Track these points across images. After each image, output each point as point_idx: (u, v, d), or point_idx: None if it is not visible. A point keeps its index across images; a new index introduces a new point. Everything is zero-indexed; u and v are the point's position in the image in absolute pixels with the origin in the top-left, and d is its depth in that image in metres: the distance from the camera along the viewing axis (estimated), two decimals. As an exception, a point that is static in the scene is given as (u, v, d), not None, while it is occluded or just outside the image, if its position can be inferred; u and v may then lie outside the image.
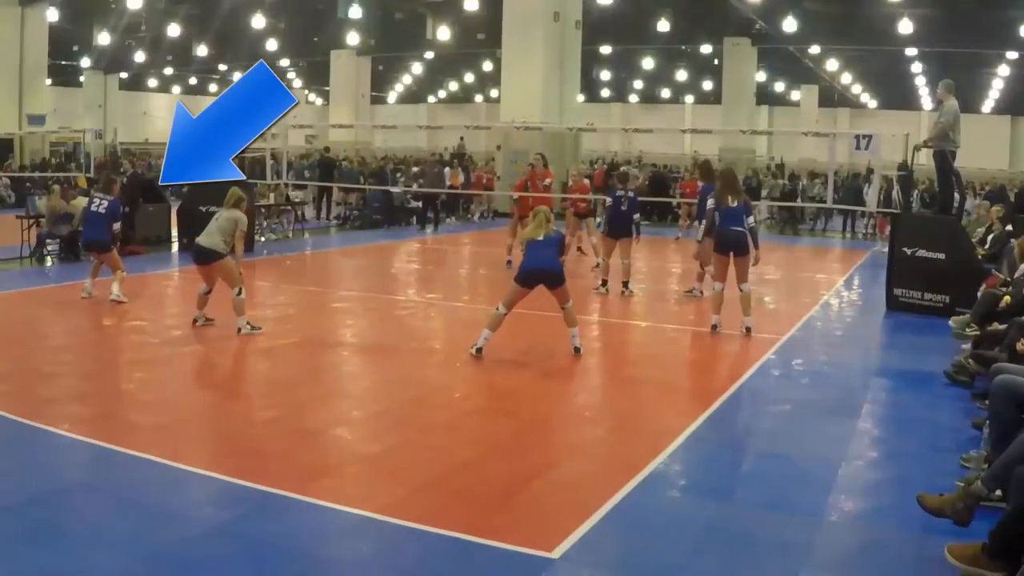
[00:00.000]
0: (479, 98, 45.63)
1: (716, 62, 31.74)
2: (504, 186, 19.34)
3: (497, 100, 26.13)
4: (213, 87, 46.66)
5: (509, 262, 13.13)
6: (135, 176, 16.32)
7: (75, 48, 33.89)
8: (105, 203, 9.99)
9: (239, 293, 8.37)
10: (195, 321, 8.70)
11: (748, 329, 8.96)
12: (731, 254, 8.95)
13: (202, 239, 8.50)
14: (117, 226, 10.11)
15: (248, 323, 8.43)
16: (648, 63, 34.87)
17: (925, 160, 12.08)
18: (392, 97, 47.17)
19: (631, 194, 11.32)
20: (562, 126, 20.66)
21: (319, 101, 46.08)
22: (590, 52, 28.19)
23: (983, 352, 6.88)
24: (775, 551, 4.27)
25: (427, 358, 8.16)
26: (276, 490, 4.72)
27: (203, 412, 6.35)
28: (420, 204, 20.23)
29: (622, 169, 14.45)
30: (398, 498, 4.71)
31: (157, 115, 44.72)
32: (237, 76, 40.40)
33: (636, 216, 11.11)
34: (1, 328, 8.77)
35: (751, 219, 9.04)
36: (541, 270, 7.79)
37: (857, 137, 11.76)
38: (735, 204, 8.99)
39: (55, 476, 4.99)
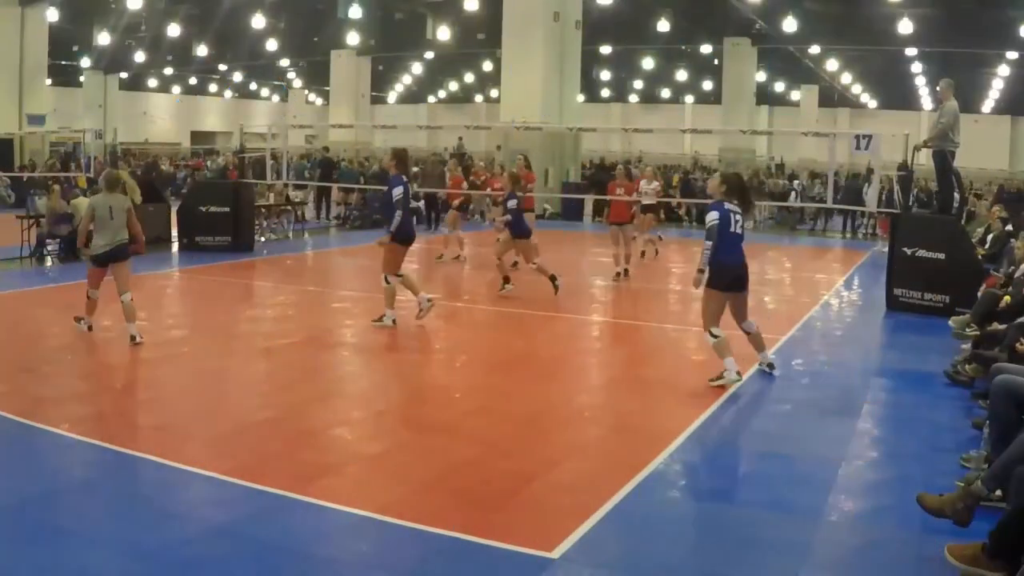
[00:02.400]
0: (479, 98, 45.64)
1: (716, 62, 31.74)
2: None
3: (497, 100, 26.12)
4: (213, 87, 46.71)
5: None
6: (133, 176, 16.30)
7: (75, 48, 33.87)
8: None
9: (131, 298, 7.98)
10: (89, 328, 8.28)
11: None
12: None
13: (112, 239, 7.97)
14: None
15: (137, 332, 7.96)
16: (648, 63, 34.87)
17: (925, 160, 12.08)
18: (392, 97, 47.18)
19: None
20: (562, 126, 20.66)
21: (319, 101, 46.11)
22: (590, 52, 28.18)
23: (983, 352, 6.88)
24: (775, 551, 4.27)
25: (427, 358, 8.16)
26: (276, 490, 4.72)
27: (203, 412, 6.35)
28: (421, 204, 20.20)
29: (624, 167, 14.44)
30: (398, 498, 4.71)
31: (157, 115, 44.76)
32: (237, 76, 40.18)
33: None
34: (1, 328, 8.77)
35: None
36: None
37: (857, 137, 11.76)
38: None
39: (55, 476, 5.00)
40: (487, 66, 37.17)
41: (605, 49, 32.07)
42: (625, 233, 12.73)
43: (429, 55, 36.55)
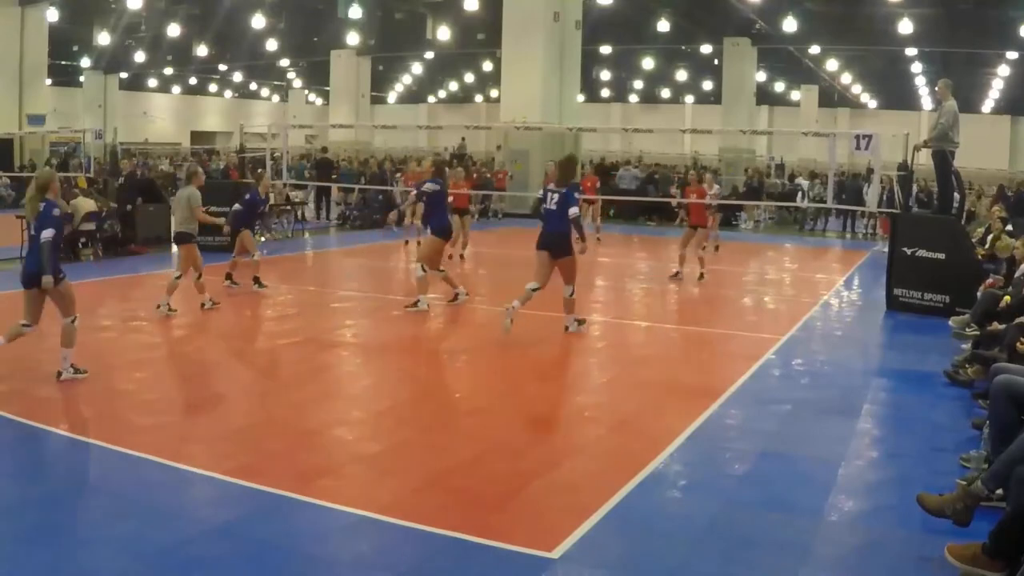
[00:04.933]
0: (479, 98, 45.63)
1: (716, 62, 31.73)
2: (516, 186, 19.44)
3: (497, 100, 26.11)
4: (213, 87, 46.71)
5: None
6: (132, 176, 16.31)
7: (75, 48, 33.90)
8: None
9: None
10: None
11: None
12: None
13: (176, 226, 9.56)
14: None
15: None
16: (648, 63, 34.85)
17: (925, 160, 12.08)
18: (392, 97, 47.18)
19: None
20: (562, 126, 20.66)
21: (319, 101, 46.10)
22: (590, 52, 28.16)
23: (983, 352, 6.88)
24: (775, 551, 4.27)
25: (427, 358, 8.16)
26: (276, 490, 4.72)
27: (203, 412, 6.35)
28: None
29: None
30: (398, 498, 4.71)
31: (157, 115, 44.77)
32: (237, 76, 40.14)
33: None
34: (1, 328, 8.76)
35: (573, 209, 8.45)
36: None
37: (857, 137, 11.76)
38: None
39: (55, 476, 5.00)
40: (487, 66, 37.16)
41: (605, 49, 32.05)
42: (699, 236, 12.88)
43: (429, 55, 36.54)
